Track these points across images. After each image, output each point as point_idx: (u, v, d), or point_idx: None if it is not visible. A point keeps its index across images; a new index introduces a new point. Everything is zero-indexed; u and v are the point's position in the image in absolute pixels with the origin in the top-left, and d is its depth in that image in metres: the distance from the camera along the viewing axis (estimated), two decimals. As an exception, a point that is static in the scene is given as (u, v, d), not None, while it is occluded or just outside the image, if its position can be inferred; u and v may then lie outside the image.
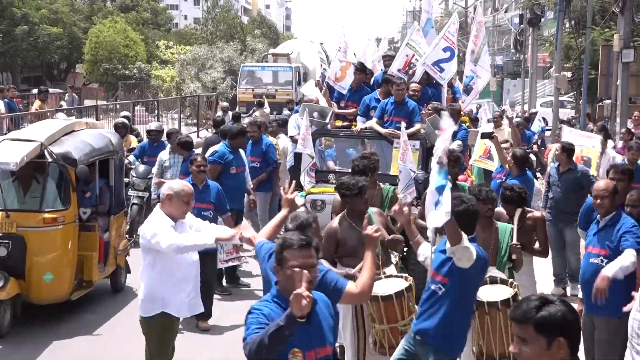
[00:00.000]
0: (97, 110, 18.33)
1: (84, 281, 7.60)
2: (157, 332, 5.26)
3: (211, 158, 8.84)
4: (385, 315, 5.15)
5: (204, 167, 7.49)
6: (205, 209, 7.03)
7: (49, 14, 40.37)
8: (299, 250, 3.35)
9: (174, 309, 5.25)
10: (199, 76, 29.88)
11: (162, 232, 5.09)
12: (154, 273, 5.23)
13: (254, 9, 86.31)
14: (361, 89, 9.68)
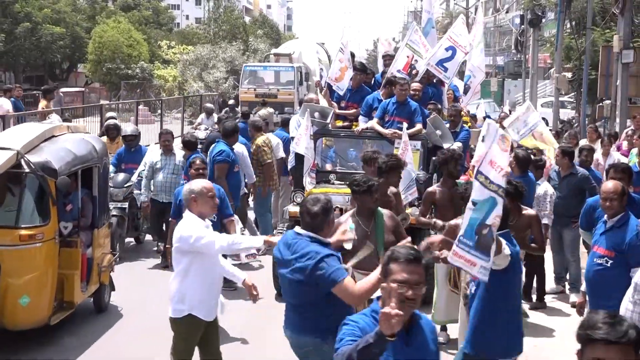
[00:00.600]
0: (101, 109, 18.41)
1: (65, 302, 6.86)
2: (184, 331, 5.33)
3: (219, 158, 9.03)
4: None
5: (202, 170, 7.28)
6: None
7: (51, 14, 40.48)
8: (406, 265, 3.15)
9: (202, 313, 5.29)
10: (201, 76, 30.02)
11: (207, 234, 5.14)
12: (188, 277, 5.25)
13: (255, 9, 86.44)
14: (362, 89, 9.75)
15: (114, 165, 10.17)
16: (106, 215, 7.87)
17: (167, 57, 34.75)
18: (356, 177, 5.91)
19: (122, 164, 10.32)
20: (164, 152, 9.68)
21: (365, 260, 5.32)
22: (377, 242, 5.62)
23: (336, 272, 4.16)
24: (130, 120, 21.59)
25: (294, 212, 8.37)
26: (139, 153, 10.30)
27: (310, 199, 4.52)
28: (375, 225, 5.70)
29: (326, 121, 9.28)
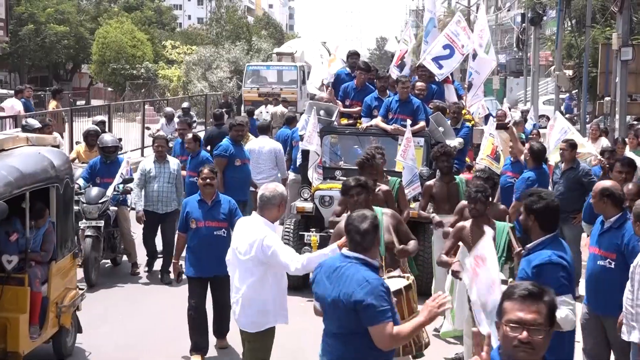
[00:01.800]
0: (109, 109, 18.62)
1: (8, 353, 5.64)
2: (266, 343, 5.21)
3: (216, 152, 9.55)
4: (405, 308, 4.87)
5: (210, 180, 6.53)
6: (218, 227, 6.38)
7: (55, 14, 40.73)
8: (520, 302, 2.70)
9: (281, 319, 5.19)
10: (205, 76, 30.26)
11: (284, 253, 4.93)
12: (266, 287, 5.04)
13: (257, 9, 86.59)
14: (366, 88, 9.86)
15: (85, 179, 8.92)
16: (69, 243, 6.63)
17: (171, 57, 35.00)
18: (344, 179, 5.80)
19: (97, 177, 9.03)
20: (157, 159, 8.99)
21: None
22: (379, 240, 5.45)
23: (380, 313, 3.78)
24: (135, 120, 21.85)
25: (301, 208, 8.65)
26: (116, 165, 9.11)
27: (356, 215, 4.09)
28: None
29: (331, 119, 9.45)
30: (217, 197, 6.61)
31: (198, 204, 6.56)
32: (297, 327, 6.81)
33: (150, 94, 31.70)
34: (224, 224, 6.48)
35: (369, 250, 3.98)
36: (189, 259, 6.59)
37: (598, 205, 5.38)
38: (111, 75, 36.28)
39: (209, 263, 6.39)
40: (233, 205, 6.59)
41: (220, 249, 5.86)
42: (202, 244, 6.46)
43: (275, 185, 5.20)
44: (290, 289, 8.46)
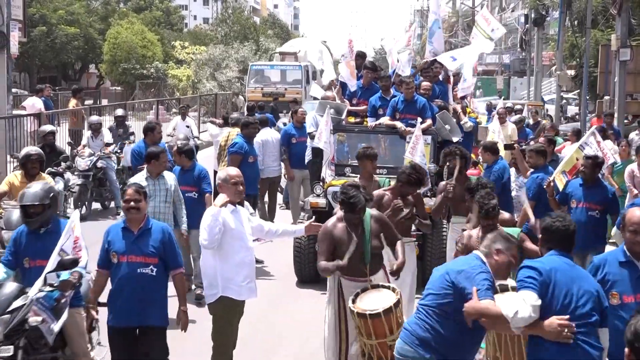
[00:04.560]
0: (126, 107, 19.13)
1: None
2: (220, 314, 5.48)
3: (232, 149, 9.82)
4: (373, 332, 5.02)
5: (135, 203, 5.39)
6: (143, 263, 5.19)
7: (66, 15, 41.27)
8: None
9: (233, 293, 5.40)
10: (214, 76, 30.63)
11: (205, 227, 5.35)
12: (214, 260, 5.40)
13: (262, 9, 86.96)
14: (372, 87, 10.03)
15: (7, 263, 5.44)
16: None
17: (181, 57, 35.52)
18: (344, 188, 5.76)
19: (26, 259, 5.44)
20: (150, 175, 7.52)
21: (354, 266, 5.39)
22: (364, 248, 5.48)
23: (483, 291, 4.08)
24: (145, 119, 22.31)
25: (315, 203, 8.84)
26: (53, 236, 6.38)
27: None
28: (362, 231, 5.54)
29: (340, 117, 9.70)
30: (147, 224, 5.27)
31: (122, 232, 5.23)
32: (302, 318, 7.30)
33: (160, 93, 32.21)
34: (153, 259, 5.17)
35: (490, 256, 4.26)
36: (109, 302, 5.30)
37: None
38: (122, 75, 36.84)
39: (131, 309, 5.15)
40: (168, 236, 5.32)
41: (146, 292, 5.14)
42: (123, 284, 5.16)
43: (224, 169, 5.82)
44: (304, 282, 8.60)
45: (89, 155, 12.26)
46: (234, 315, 5.54)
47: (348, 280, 5.48)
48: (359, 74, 10.50)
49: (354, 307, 5.09)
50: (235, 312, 5.56)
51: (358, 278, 5.45)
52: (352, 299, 5.19)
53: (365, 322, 5.02)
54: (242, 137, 9.89)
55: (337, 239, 5.48)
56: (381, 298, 5.12)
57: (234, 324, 5.58)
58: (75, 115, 16.00)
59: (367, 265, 5.45)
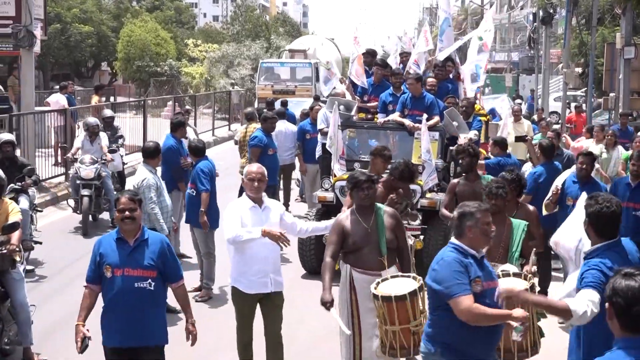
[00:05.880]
0: (144, 104, 19.59)
1: None
2: (234, 302, 5.76)
3: (252, 143, 10.42)
4: (397, 316, 4.98)
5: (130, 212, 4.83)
6: (140, 277, 4.76)
7: (79, 13, 41.77)
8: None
9: (242, 285, 5.59)
10: (227, 73, 31.03)
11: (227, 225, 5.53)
12: (232, 252, 5.67)
13: (272, 7, 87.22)
14: (383, 83, 10.24)
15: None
16: None
17: (193, 54, 35.98)
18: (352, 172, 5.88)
19: None
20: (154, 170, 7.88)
21: (367, 259, 5.44)
22: (379, 240, 5.50)
23: (455, 286, 4.09)
24: (160, 116, 22.75)
25: (322, 197, 9.11)
26: None
27: (458, 205, 4.50)
28: (375, 223, 5.54)
29: (350, 113, 9.88)
30: (143, 235, 4.85)
31: (116, 243, 4.82)
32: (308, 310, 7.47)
33: (173, 90, 32.67)
34: (151, 272, 4.77)
35: (460, 236, 4.27)
36: (103, 320, 4.89)
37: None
38: (136, 73, 37.33)
39: (128, 328, 4.75)
40: (167, 247, 4.88)
41: (144, 308, 4.73)
42: (119, 299, 4.74)
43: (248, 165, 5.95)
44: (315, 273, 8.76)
45: (91, 161, 11.15)
46: (245, 306, 5.65)
47: (360, 273, 5.49)
48: (370, 71, 10.76)
49: (377, 292, 5.05)
50: (247, 304, 5.65)
51: (371, 271, 5.45)
52: (375, 286, 5.14)
53: (389, 306, 4.96)
54: (262, 130, 10.48)
55: (347, 231, 5.50)
56: (404, 284, 5.10)
57: (246, 315, 5.67)
58: (98, 112, 16.52)
59: (384, 257, 5.46)
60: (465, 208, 4.34)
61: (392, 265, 5.57)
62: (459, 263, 4.15)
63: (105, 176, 11.37)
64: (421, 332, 4.88)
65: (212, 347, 6.75)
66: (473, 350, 4.23)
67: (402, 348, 5.04)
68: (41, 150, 14.15)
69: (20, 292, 6.15)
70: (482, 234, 4.27)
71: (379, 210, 5.58)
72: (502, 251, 5.57)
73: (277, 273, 5.72)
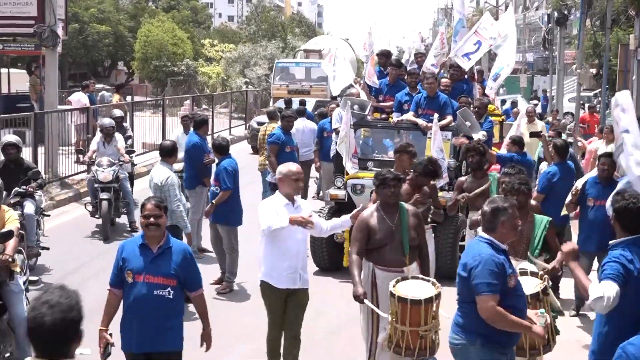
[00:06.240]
0: (163, 103, 19.88)
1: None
2: (264, 297, 5.82)
3: (270, 140, 10.90)
4: (409, 318, 5.04)
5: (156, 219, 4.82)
6: (161, 285, 4.76)
7: (97, 13, 42.25)
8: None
9: (272, 279, 5.69)
10: (244, 73, 31.35)
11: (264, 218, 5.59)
12: (264, 246, 5.76)
13: (286, 7, 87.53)
14: (398, 83, 10.43)
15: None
16: None
17: (210, 54, 36.34)
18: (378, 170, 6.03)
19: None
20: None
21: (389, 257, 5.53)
22: (403, 238, 5.58)
23: (485, 285, 4.20)
24: (177, 115, 23.05)
25: (334, 195, 9.27)
26: None
27: (489, 199, 4.58)
28: (400, 221, 5.62)
29: (364, 113, 9.95)
30: (167, 243, 4.83)
31: (139, 249, 4.81)
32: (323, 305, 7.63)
33: (190, 90, 33.04)
34: (171, 280, 4.76)
35: (492, 230, 4.38)
36: (122, 325, 4.87)
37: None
38: (153, 72, 37.76)
39: (145, 333, 4.76)
40: (189, 257, 4.89)
41: (162, 316, 4.72)
42: (137, 306, 4.75)
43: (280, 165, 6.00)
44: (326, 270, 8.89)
45: (108, 164, 10.82)
46: (274, 301, 5.75)
47: (382, 270, 5.55)
48: (385, 71, 10.95)
49: (395, 291, 5.11)
50: (276, 299, 5.74)
51: (393, 269, 5.53)
52: (394, 284, 5.21)
53: (404, 307, 5.02)
54: (281, 128, 10.92)
55: (372, 228, 5.57)
56: (423, 288, 5.15)
57: (276, 310, 5.76)
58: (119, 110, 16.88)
59: (407, 256, 5.54)
60: (498, 204, 4.41)
61: (414, 262, 5.66)
62: (494, 262, 4.25)
63: (122, 178, 11.03)
64: (429, 338, 5.07)
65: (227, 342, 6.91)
66: (507, 340, 4.40)
67: (407, 348, 5.09)
68: (63, 148, 14.47)
69: (18, 305, 5.82)
70: (513, 228, 4.40)
71: (403, 209, 5.65)
72: (524, 246, 5.64)
73: (305, 270, 5.86)
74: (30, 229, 8.32)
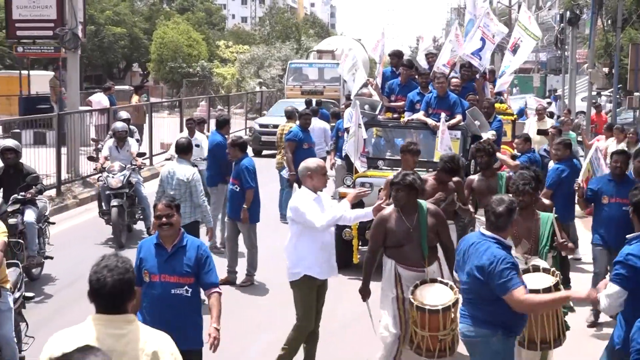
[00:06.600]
0: (181, 104, 20.21)
1: None
2: (302, 293, 5.88)
3: (287, 137, 11.45)
4: (428, 325, 5.17)
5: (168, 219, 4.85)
6: (177, 284, 4.80)
7: (112, 16, 42.77)
8: None
9: (315, 272, 5.81)
10: (258, 74, 31.71)
11: (311, 213, 5.66)
12: (301, 243, 5.80)
13: (299, 8, 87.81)
14: (410, 83, 10.48)
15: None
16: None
17: (225, 56, 36.74)
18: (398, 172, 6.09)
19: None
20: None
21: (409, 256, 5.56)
22: (421, 240, 5.60)
23: (509, 282, 4.31)
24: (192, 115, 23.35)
25: (343, 193, 9.10)
26: None
27: (495, 199, 4.61)
28: (418, 222, 5.64)
29: (375, 113, 10.11)
30: (182, 242, 4.84)
31: (155, 249, 4.85)
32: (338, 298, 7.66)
33: (205, 91, 33.43)
34: (188, 279, 4.78)
35: (503, 230, 4.51)
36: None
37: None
38: (168, 74, 38.24)
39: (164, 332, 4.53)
40: (203, 253, 4.85)
41: (181, 315, 4.71)
42: (155, 305, 4.76)
43: (303, 162, 6.04)
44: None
45: (119, 169, 10.37)
46: (312, 294, 5.90)
47: (405, 269, 5.60)
48: (397, 71, 11.08)
49: (413, 300, 5.22)
50: (315, 289, 5.90)
51: (415, 268, 5.59)
52: (412, 290, 5.32)
53: (422, 315, 5.15)
54: (299, 126, 11.47)
55: (389, 228, 5.62)
56: (440, 294, 5.23)
57: (312, 303, 5.91)
58: (137, 111, 17.30)
59: (425, 258, 5.58)
60: (513, 204, 4.54)
61: (433, 262, 5.69)
62: (509, 260, 4.40)
63: (137, 183, 10.57)
64: (449, 340, 5.21)
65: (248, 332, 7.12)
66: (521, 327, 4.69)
67: (427, 350, 5.24)
68: (83, 148, 14.84)
69: (5, 325, 5.49)
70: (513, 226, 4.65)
71: (422, 209, 5.66)
72: (533, 245, 5.72)
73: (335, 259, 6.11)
74: (30, 237, 8.05)
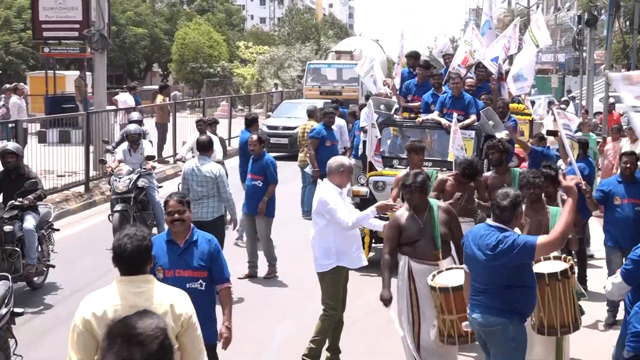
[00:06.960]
0: (204, 103, 20.59)
1: None
2: (333, 281, 6.13)
3: (311, 134, 11.87)
4: (455, 306, 5.27)
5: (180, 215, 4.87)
6: (191, 278, 4.87)
7: (134, 16, 43.36)
8: None
9: (345, 262, 6.12)
10: (278, 74, 32.08)
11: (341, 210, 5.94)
12: (328, 233, 6.07)
13: (318, 9, 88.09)
14: (426, 84, 10.54)
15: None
16: None
17: (245, 56, 37.16)
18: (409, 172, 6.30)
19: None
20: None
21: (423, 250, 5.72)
22: (434, 232, 5.76)
23: (529, 240, 4.58)
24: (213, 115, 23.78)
25: (357, 191, 9.63)
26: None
27: (500, 193, 4.79)
28: (430, 218, 5.81)
29: (390, 113, 10.26)
30: (192, 237, 4.92)
31: (167, 246, 4.91)
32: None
33: (225, 91, 33.86)
34: (201, 272, 4.87)
35: (508, 223, 4.72)
36: None
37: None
38: (190, 74, 38.75)
39: None
40: (215, 247, 4.94)
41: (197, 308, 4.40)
42: None
43: (335, 158, 6.40)
44: None
45: (127, 172, 9.96)
46: (342, 281, 6.23)
47: (418, 263, 5.74)
48: (414, 72, 11.26)
49: (434, 284, 5.36)
50: (343, 278, 6.24)
51: (428, 262, 5.74)
52: (431, 278, 5.46)
53: (447, 296, 5.27)
54: (323, 124, 11.91)
55: (402, 226, 5.81)
56: (460, 275, 5.30)
57: (341, 293, 6.24)
58: (162, 110, 17.74)
59: (439, 250, 5.74)
60: (518, 197, 4.73)
61: (447, 256, 5.85)
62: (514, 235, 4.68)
63: (149, 187, 10.14)
64: None
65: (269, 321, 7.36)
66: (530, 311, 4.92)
67: (460, 336, 5.36)
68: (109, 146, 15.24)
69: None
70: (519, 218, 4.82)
71: (433, 207, 5.87)
72: None
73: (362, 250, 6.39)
74: (29, 245, 7.71)
